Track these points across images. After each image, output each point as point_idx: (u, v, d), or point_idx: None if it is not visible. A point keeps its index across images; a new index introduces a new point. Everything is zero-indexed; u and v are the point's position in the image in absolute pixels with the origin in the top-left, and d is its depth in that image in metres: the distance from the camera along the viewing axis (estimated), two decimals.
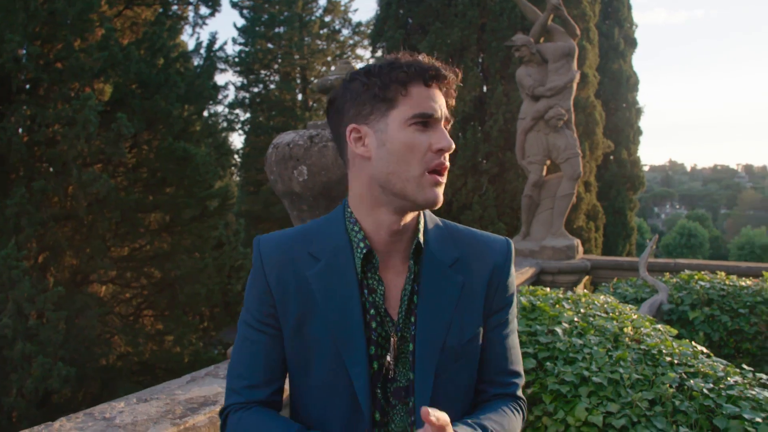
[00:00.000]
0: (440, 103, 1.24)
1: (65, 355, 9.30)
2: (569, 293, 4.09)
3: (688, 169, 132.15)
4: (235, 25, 20.98)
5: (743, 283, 5.13)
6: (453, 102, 1.29)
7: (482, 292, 1.34)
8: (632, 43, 17.36)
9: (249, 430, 1.23)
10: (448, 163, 1.25)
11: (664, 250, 36.92)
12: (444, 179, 1.25)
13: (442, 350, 1.27)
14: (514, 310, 1.40)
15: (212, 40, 12.92)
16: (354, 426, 1.25)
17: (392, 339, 1.27)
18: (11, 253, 9.01)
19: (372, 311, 1.27)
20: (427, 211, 1.37)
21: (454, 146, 1.24)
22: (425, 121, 1.22)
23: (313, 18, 21.25)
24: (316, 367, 1.27)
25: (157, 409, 2.06)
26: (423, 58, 1.25)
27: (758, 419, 2.42)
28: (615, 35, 16.27)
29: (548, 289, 4.15)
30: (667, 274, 5.85)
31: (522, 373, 1.41)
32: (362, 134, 1.25)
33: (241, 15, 20.86)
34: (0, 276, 8.98)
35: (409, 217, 1.29)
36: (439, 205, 1.25)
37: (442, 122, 1.25)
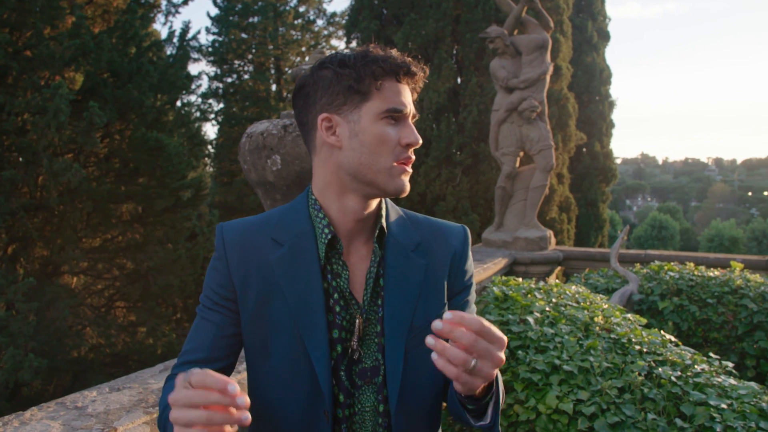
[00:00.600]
0: (408, 99, 1.28)
1: (36, 347, 9.20)
2: (541, 283, 4.15)
3: (660, 162, 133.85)
4: (208, 15, 20.74)
5: (711, 274, 5.21)
6: (416, 96, 1.34)
7: (444, 275, 1.38)
8: (605, 37, 17.55)
9: (166, 392, 1.25)
10: (413, 157, 1.29)
11: (636, 242, 37.43)
12: (410, 169, 1.30)
13: (410, 330, 1.31)
14: (473, 293, 1.45)
15: (185, 29, 12.80)
16: (314, 407, 1.27)
17: (357, 321, 1.30)
18: None
19: (336, 295, 1.30)
20: (388, 200, 1.42)
21: (421, 141, 1.29)
22: (395, 116, 1.26)
23: (288, 8, 21.06)
24: (276, 351, 1.29)
25: (130, 398, 2.06)
26: (395, 53, 1.28)
27: (723, 405, 2.49)
28: (588, 28, 16.42)
29: (520, 280, 4.20)
30: (638, 264, 5.93)
31: None
32: (333, 124, 1.27)
33: (215, 4, 20.62)
34: None
35: (374, 203, 1.33)
36: (407, 193, 1.29)
37: (410, 117, 1.29)
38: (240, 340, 1.34)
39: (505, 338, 1.05)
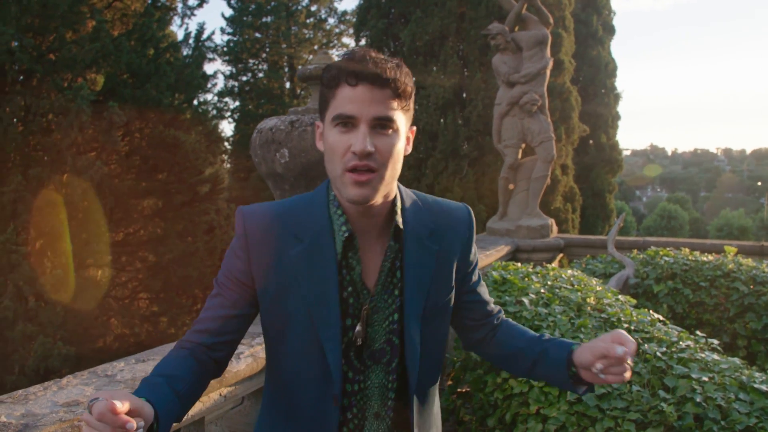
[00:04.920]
0: (368, 105, 1.23)
1: (64, 336, 9.57)
2: (538, 268, 4.34)
3: (669, 153, 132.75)
4: (223, 15, 21.08)
5: (705, 259, 5.34)
6: (405, 101, 1.29)
7: (453, 259, 1.46)
8: (610, 30, 17.65)
9: (160, 362, 1.33)
10: (370, 163, 1.24)
11: (645, 232, 37.46)
12: (365, 178, 1.25)
13: (423, 314, 1.39)
14: (478, 269, 1.58)
15: (200, 30, 13.16)
16: (324, 391, 1.34)
17: (364, 309, 1.36)
18: (10, 238, 9.30)
19: (350, 288, 1.36)
20: (402, 187, 1.44)
21: (369, 149, 1.22)
22: (345, 122, 1.24)
23: (300, 7, 21.37)
24: (291, 339, 1.36)
25: (154, 367, 2.30)
26: (364, 55, 1.26)
27: (705, 378, 2.63)
28: (593, 22, 16.53)
29: (519, 264, 4.39)
30: (635, 250, 6.06)
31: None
32: (321, 131, 1.35)
33: (229, 5, 20.95)
34: None
35: (379, 199, 1.32)
36: (367, 202, 1.28)
37: (368, 122, 1.24)
38: (250, 319, 1.41)
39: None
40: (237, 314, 1.37)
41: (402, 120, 1.30)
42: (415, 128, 1.42)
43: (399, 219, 1.38)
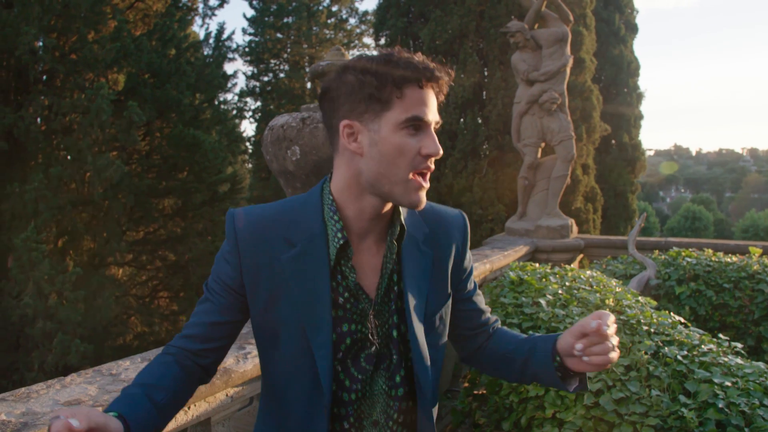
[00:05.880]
0: (431, 106, 1.26)
1: (84, 334, 9.68)
2: (556, 268, 4.26)
3: (693, 153, 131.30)
4: (244, 16, 21.31)
5: (728, 260, 5.22)
6: (442, 98, 1.31)
7: (448, 264, 1.44)
8: (633, 29, 17.51)
9: (149, 365, 1.32)
10: (433, 166, 1.27)
11: (669, 233, 37.09)
12: (427, 184, 1.28)
13: (425, 319, 1.38)
14: (473, 275, 1.56)
15: (221, 30, 13.28)
16: (316, 401, 1.30)
17: (370, 315, 1.33)
18: (31, 236, 9.41)
19: (346, 294, 1.32)
20: None
21: (441, 152, 1.26)
22: (416, 124, 1.24)
23: (321, 8, 21.50)
24: (283, 344, 1.31)
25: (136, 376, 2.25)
26: (418, 57, 1.26)
27: (728, 383, 2.52)
28: (615, 21, 16.40)
29: (537, 265, 4.31)
30: (657, 251, 5.95)
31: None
32: (355, 131, 1.27)
33: (251, 5, 21.12)
34: (20, 258, 9.38)
35: (389, 203, 1.33)
36: (422, 207, 1.30)
37: (432, 125, 1.27)
38: (239, 325, 1.38)
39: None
40: (225, 321, 1.34)
41: None
42: None
43: (402, 220, 1.36)
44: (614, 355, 1.26)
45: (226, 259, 1.33)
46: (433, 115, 1.25)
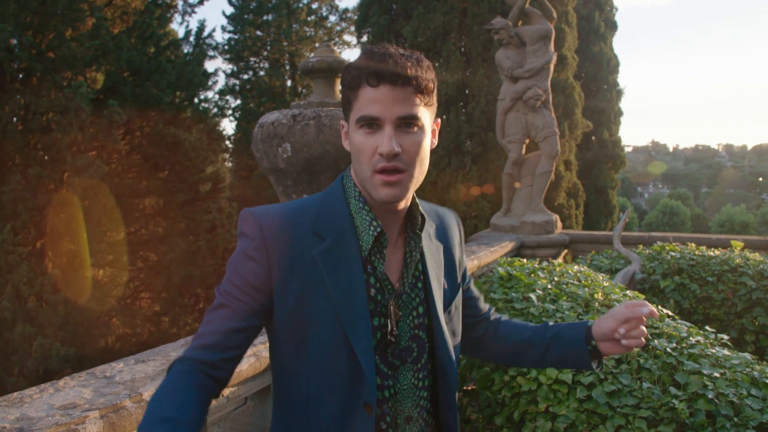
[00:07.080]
0: (388, 103, 1.21)
1: (65, 337, 9.54)
2: (544, 263, 4.31)
3: (671, 149, 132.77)
4: (224, 13, 21.07)
5: (711, 253, 5.31)
6: (428, 96, 1.27)
7: (454, 256, 1.49)
8: (613, 26, 17.61)
9: (157, 390, 1.21)
10: (398, 164, 1.23)
11: (647, 228, 37.50)
12: (394, 178, 1.23)
13: (444, 309, 1.41)
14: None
15: (201, 27, 13.14)
16: (356, 398, 1.26)
17: (392, 307, 1.32)
18: (7, 238, 9.27)
19: (377, 285, 1.31)
20: None
21: (396, 150, 1.21)
22: (369, 123, 1.23)
23: (301, 5, 21.38)
24: (316, 344, 1.27)
25: (154, 368, 2.15)
26: (391, 51, 1.24)
27: (716, 374, 2.59)
28: (596, 18, 16.49)
29: (525, 260, 4.35)
30: (641, 246, 6.03)
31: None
32: (345, 130, 1.34)
33: (230, 3, 20.96)
34: None
35: (409, 198, 1.34)
36: (396, 202, 1.28)
37: (393, 122, 1.22)
38: (255, 333, 1.31)
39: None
40: (243, 327, 1.26)
41: (426, 115, 1.27)
42: (439, 120, 1.40)
43: (422, 211, 1.37)
44: (643, 337, 1.41)
45: (250, 258, 1.28)
46: (389, 112, 1.21)
